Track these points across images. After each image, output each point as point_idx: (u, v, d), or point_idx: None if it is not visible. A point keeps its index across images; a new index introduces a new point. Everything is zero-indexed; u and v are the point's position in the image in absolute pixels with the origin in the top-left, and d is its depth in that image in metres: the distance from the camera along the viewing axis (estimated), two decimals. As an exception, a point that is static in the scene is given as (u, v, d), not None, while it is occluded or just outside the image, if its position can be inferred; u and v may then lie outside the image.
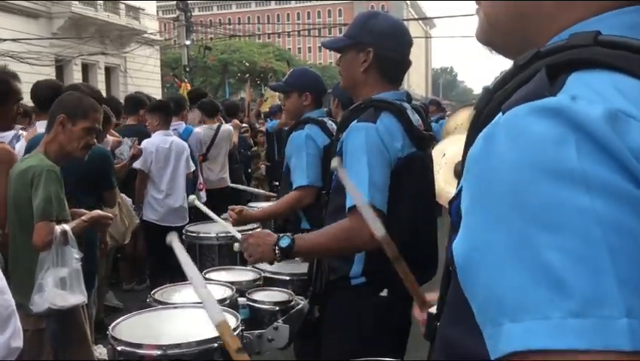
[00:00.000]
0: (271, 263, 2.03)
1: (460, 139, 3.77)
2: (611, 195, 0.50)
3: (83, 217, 2.67)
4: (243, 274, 2.57)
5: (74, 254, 2.50)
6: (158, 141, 4.75)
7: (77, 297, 2.50)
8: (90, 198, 3.34)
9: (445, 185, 3.44)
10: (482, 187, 0.57)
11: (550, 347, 0.48)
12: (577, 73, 0.59)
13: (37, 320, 2.51)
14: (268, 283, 2.47)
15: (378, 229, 1.18)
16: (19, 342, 1.53)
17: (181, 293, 2.30)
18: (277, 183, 5.53)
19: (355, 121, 1.93)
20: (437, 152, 3.34)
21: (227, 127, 6.09)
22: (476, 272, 0.56)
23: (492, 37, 0.77)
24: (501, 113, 0.59)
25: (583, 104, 0.54)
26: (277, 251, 1.88)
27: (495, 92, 0.66)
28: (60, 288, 2.43)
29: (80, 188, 3.22)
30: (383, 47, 1.96)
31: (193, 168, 5.04)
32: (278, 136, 7.37)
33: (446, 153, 3.50)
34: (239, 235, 2.15)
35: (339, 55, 2.10)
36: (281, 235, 1.93)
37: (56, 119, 2.60)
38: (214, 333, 1.75)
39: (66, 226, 2.50)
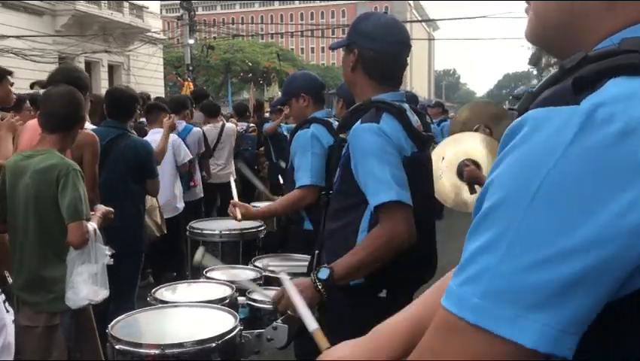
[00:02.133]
0: (318, 303, 1.87)
1: (455, 139, 3.77)
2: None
3: (97, 213, 2.72)
4: (243, 274, 2.57)
5: (105, 251, 2.59)
6: (150, 139, 4.74)
7: (104, 292, 2.59)
8: (136, 187, 3.78)
9: (452, 189, 3.41)
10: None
11: (442, 303, 0.64)
12: (621, 77, 0.59)
13: (50, 316, 2.54)
14: (268, 282, 2.47)
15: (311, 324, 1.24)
16: (9, 357, 1.52)
17: (181, 292, 2.31)
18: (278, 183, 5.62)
19: (359, 122, 1.93)
20: (436, 155, 3.32)
21: (230, 125, 6.57)
22: None
23: (541, 36, 0.76)
24: None
25: (603, 116, 0.56)
26: (319, 286, 1.80)
27: (538, 94, 0.66)
28: (93, 283, 2.50)
29: (130, 178, 3.67)
30: (365, 46, 2.00)
31: (186, 160, 5.12)
32: (272, 137, 7.44)
33: (445, 156, 3.48)
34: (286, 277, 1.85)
35: (341, 58, 2.16)
36: (315, 270, 1.86)
37: (83, 118, 2.71)
38: (213, 333, 1.76)
39: (94, 224, 2.57)
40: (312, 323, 1.20)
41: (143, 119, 5.58)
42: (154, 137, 4.78)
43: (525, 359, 0.59)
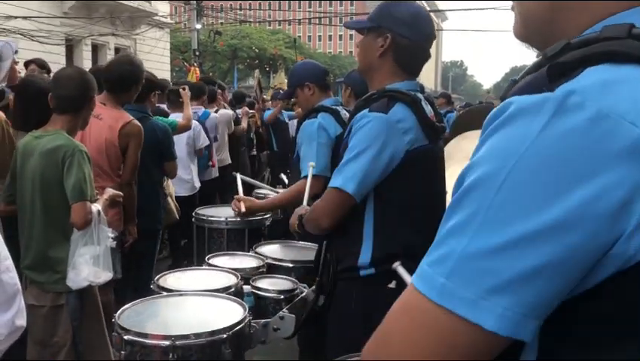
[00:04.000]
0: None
1: (466, 136, 3.75)
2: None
3: (104, 196, 2.73)
4: (246, 261, 2.56)
5: (109, 233, 2.59)
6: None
7: (107, 274, 2.60)
8: (156, 169, 3.94)
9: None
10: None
11: (412, 280, 0.66)
12: (600, 65, 0.59)
13: (55, 296, 2.56)
14: (271, 270, 2.46)
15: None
16: (22, 321, 1.53)
17: (184, 280, 2.28)
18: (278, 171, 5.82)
19: (367, 110, 1.92)
20: (454, 149, 3.29)
21: (225, 111, 6.77)
22: None
23: (527, 32, 0.77)
24: None
25: (574, 103, 0.57)
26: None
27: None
28: (94, 265, 2.52)
29: (148, 159, 3.75)
30: (401, 33, 1.95)
31: (204, 144, 5.55)
32: (273, 125, 7.45)
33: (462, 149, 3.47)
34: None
35: (349, 47, 2.11)
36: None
37: (92, 99, 2.71)
38: (223, 323, 1.74)
39: (99, 206, 2.57)
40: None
41: (161, 105, 5.69)
42: (176, 116, 5.10)
43: (486, 341, 0.60)
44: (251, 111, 8.00)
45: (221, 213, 3.33)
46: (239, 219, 3.13)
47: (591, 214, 0.56)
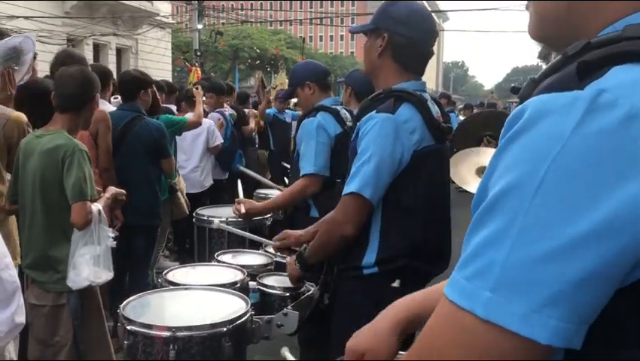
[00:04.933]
0: (297, 277, 2.17)
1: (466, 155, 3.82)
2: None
3: (106, 195, 2.73)
4: (254, 259, 2.58)
5: (109, 232, 2.59)
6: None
7: (107, 274, 2.60)
8: (152, 167, 4.01)
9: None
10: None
11: (448, 296, 0.62)
12: (626, 65, 0.58)
13: (57, 296, 2.56)
14: (279, 268, 2.47)
15: None
16: (22, 318, 1.54)
17: (192, 275, 2.31)
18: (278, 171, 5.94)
19: (374, 111, 1.92)
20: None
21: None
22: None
23: (543, 31, 0.76)
24: None
25: (606, 101, 0.55)
26: (297, 263, 2.09)
27: (540, 81, 0.66)
28: (94, 265, 2.51)
29: (145, 158, 3.90)
30: (397, 32, 1.96)
31: (217, 143, 5.70)
32: (272, 125, 7.45)
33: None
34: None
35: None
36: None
37: (93, 98, 2.68)
38: (224, 317, 1.76)
39: (99, 205, 2.56)
40: None
41: (171, 105, 5.79)
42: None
43: (539, 354, 0.58)
44: (255, 111, 8.04)
45: (222, 214, 3.34)
46: (240, 219, 3.14)
47: (634, 214, 0.55)
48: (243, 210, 3.00)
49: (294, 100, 7.41)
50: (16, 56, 2.84)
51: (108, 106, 4.05)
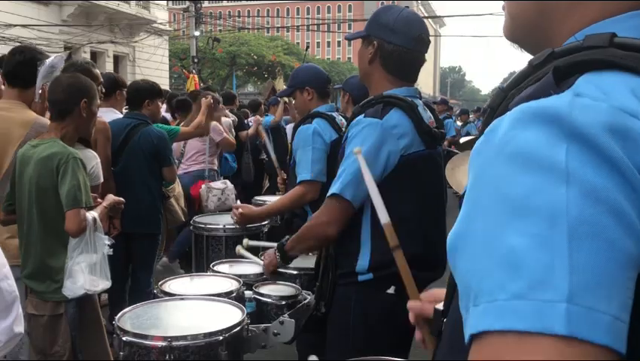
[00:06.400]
0: (275, 266, 2.26)
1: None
2: (589, 193, 0.50)
3: (104, 203, 2.72)
4: (251, 268, 2.57)
5: (105, 240, 2.57)
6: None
7: (105, 282, 2.58)
8: (153, 175, 4.02)
9: None
10: (475, 178, 0.58)
11: (492, 328, 0.48)
12: (589, 74, 0.59)
13: (55, 305, 2.55)
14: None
15: (383, 216, 1.18)
16: (20, 328, 1.54)
17: (188, 285, 2.31)
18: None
19: (362, 115, 1.94)
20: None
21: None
22: (457, 258, 0.57)
23: (515, 34, 0.77)
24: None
25: (585, 103, 0.54)
26: (277, 252, 2.18)
27: (509, 90, 0.66)
28: (91, 273, 2.50)
29: (146, 165, 3.93)
30: (385, 39, 1.98)
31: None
32: (273, 132, 7.47)
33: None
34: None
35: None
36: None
37: (78, 105, 2.64)
38: (220, 326, 1.76)
39: (95, 213, 2.55)
40: (384, 216, 1.15)
41: (166, 114, 5.80)
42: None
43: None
44: (260, 118, 8.07)
45: (219, 221, 3.34)
46: (237, 226, 3.14)
47: None
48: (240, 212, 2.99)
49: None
50: (51, 73, 2.92)
51: (117, 115, 4.09)
